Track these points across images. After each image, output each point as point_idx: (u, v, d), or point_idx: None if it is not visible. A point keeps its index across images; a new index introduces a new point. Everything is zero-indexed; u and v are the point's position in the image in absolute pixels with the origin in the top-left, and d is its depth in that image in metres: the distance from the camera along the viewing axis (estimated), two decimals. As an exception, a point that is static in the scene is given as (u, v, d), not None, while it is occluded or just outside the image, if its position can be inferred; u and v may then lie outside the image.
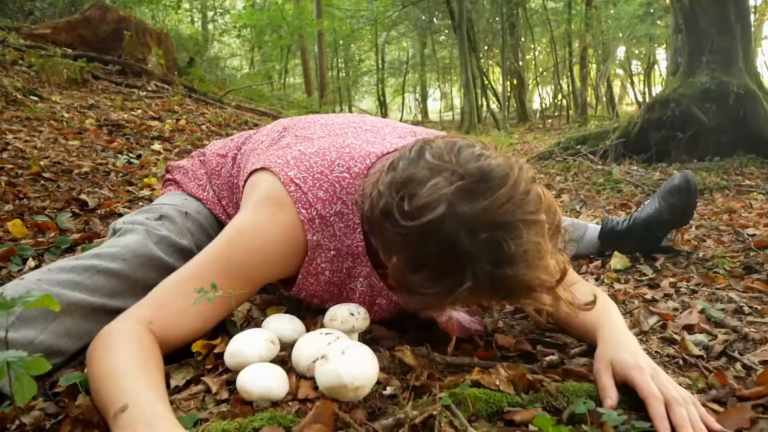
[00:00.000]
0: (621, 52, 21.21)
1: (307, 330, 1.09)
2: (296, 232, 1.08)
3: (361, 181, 1.07)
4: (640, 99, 21.32)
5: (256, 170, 1.19)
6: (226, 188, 1.46)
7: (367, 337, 1.17)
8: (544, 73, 24.85)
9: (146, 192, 2.45)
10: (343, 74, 26.27)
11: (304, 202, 1.08)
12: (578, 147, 6.95)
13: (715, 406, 0.94)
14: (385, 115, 24.57)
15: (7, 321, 0.78)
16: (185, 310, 0.99)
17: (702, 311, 1.42)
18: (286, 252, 1.09)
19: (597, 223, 2.26)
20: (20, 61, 5.12)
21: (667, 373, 1.02)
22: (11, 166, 2.44)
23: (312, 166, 1.12)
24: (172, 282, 1.04)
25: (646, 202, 2.14)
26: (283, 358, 1.01)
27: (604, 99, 20.71)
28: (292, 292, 1.18)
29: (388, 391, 0.93)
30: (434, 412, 0.79)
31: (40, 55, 5.21)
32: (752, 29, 6.55)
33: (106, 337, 0.92)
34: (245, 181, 1.22)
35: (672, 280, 1.80)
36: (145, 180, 2.65)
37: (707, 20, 5.98)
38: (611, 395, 0.90)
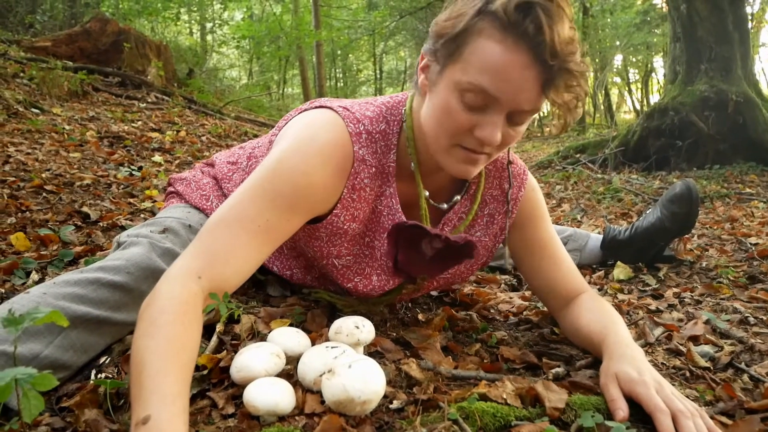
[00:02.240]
0: (618, 60, 21.28)
1: (313, 343, 1.08)
2: (343, 146, 1.11)
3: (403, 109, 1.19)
4: (638, 107, 21.40)
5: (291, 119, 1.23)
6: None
7: (372, 350, 1.16)
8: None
9: (148, 204, 2.45)
10: (341, 84, 26.35)
11: (352, 119, 1.13)
12: (577, 156, 6.98)
13: (724, 419, 0.93)
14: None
15: (15, 337, 0.78)
16: (234, 254, 0.98)
17: (707, 322, 1.42)
18: (332, 171, 1.09)
19: (598, 233, 2.26)
20: (21, 74, 5.15)
21: (673, 385, 1.01)
22: (13, 178, 2.45)
23: (356, 100, 1.20)
24: (215, 225, 1.01)
25: (647, 211, 2.15)
26: (289, 371, 1.01)
27: (602, 107, 20.76)
28: (334, 214, 1.16)
29: (395, 404, 0.92)
30: (443, 431, 0.78)
31: (41, 67, 5.23)
32: (750, 37, 6.57)
33: (154, 305, 0.88)
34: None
35: (676, 290, 1.80)
36: (147, 192, 2.65)
37: (705, 29, 6.02)
38: (622, 407, 0.89)
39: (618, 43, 17.32)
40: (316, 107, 1.20)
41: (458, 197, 1.28)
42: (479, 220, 1.33)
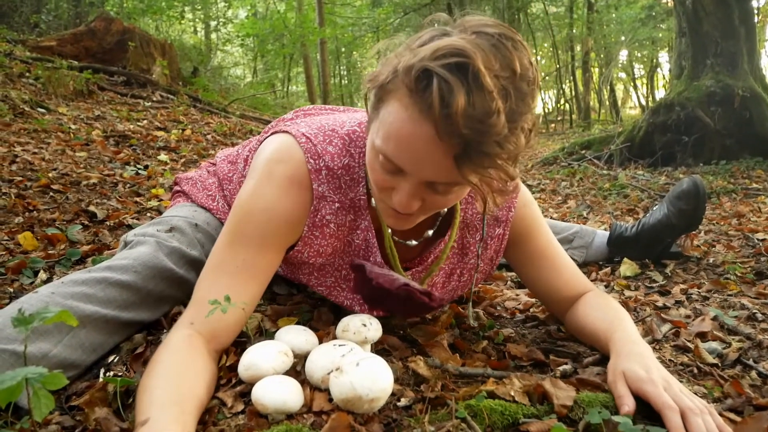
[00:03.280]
0: (623, 55, 21.20)
1: (320, 341, 1.08)
2: (300, 182, 1.09)
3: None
4: (644, 103, 21.32)
5: (266, 138, 1.22)
6: (238, 191, 1.47)
7: (379, 348, 1.17)
8: (547, 77, 24.86)
9: (154, 203, 2.46)
10: (346, 81, 26.29)
11: (313, 153, 1.10)
12: (583, 152, 6.96)
13: (732, 416, 0.93)
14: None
15: (25, 336, 0.78)
16: (219, 298, 1.01)
17: (714, 318, 1.41)
18: (292, 201, 1.09)
19: (605, 230, 2.25)
20: (27, 74, 5.16)
21: (681, 382, 1.01)
22: (20, 178, 2.46)
23: (324, 126, 1.16)
24: (201, 277, 1.07)
25: (654, 208, 2.14)
26: (296, 369, 1.01)
27: (608, 103, 20.69)
28: (297, 251, 1.17)
29: (403, 402, 0.92)
30: (451, 429, 0.78)
31: (47, 67, 5.24)
32: (756, 31, 6.53)
33: (157, 353, 0.94)
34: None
35: (683, 286, 1.80)
36: (153, 191, 2.66)
37: (711, 23, 5.99)
38: (628, 402, 0.89)
39: (623, 38, 17.25)
40: (281, 131, 1.17)
41: (430, 232, 1.23)
42: (471, 247, 1.28)
